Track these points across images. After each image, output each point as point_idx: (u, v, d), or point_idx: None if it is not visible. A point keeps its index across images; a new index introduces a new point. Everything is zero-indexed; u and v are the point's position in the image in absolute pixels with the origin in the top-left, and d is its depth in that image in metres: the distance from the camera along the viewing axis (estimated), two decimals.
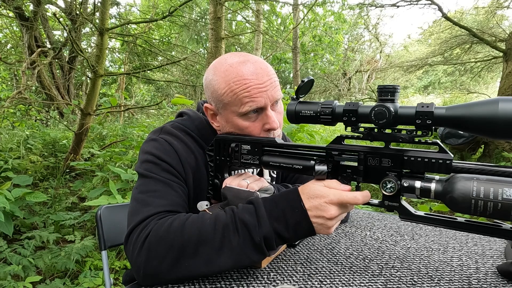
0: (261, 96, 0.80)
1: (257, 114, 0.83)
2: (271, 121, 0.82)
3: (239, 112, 0.81)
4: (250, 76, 0.80)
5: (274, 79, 0.83)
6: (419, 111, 0.55)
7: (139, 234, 0.69)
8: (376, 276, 0.71)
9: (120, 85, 10.67)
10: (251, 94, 0.79)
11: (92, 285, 2.00)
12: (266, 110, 0.82)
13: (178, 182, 0.81)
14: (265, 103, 0.80)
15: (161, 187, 0.78)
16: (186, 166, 0.83)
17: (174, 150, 0.83)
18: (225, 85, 0.81)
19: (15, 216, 2.47)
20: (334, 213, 0.64)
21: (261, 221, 0.66)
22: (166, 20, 6.51)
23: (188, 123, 0.92)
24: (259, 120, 0.83)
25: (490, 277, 0.71)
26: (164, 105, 5.19)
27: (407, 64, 10.45)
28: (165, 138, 0.85)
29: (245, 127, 0.83)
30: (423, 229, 1.02)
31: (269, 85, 0.81)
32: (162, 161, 0.81)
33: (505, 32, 7.01)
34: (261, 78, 0.80)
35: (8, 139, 4.83)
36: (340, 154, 0.67)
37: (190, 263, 0.65)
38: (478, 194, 0.51)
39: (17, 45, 8.02)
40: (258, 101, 0.80)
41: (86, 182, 3.60)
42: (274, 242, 0.66)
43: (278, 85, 0.85)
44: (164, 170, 0.80)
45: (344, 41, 15.05)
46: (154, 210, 0.73)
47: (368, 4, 8.38)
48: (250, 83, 0.79)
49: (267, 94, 0.80)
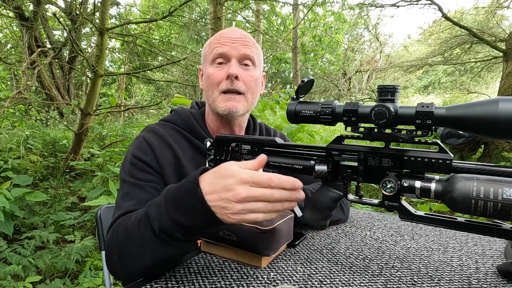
0: (228, 45, 0.93)
1: (224, 65, 0.94)
2: (231, 68, 0.91)
3: (210, 58, 0.94)
4: (225, 31, 0.96)
5: (247, 42, 0.95)
6: (419, 111, 0.55)
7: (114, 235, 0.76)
8: (376, 276, 0.71)
9: (120, 85, 10.67)
10: (220, 41, 0.94)
11: (92, 285, 2.00)
12: (230, 61, 0.93)
13: (151, 179, 0.87)
14: (231, 53, 0.92)
15: (132, 189, 0.85)
16: (162, 161, 0.89)
17: (149, 146, 0.90)
18: (208, 42, 0.99)
19: (15, 216, 2.47)
20: (243, 195, 0.56)
21: (161, 210, 0.63)
22: (166, 20, 6.50)
23: (174, 118, 0.99)
24: (224, 70, 0.93)
25: (490, 277, 0.71)
26: (164, 105, 5.19)
27: (407, 64, 10.45)
28: (144, 136, 0.93)
29: (211, 74, 0.94)
30: (423, 229, 1.02)
31: (240, 41, 0.93)
32: (137, 160, 0.88)
33: (505, 32, 7.01)
34: (234, 34, 0.95)
35: (8, 139, 4.84)
36: (340, 154, 0.67)
37: (128, 259, 0.68)
38: (478, 194, 0.51)
39: (17, 45, 8.02)
40: (225, 48, 0.92)
41: (86, 182, 3.60)
42: (176, 231, 0.62)
43: (252, 49, 0.96)
44: (139, 169, 0.87)
45: (344, 41, 15.05)
46: (122, 211, 0.80)
47: (368, 4, 8.38)
48: (222, 35, 0.95)
49: (234, 46, 0.93)
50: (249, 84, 0.95)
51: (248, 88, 0.95)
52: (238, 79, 0.92)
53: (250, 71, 0.95)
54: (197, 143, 0.96)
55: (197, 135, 0.97)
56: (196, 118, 0.99)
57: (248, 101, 0.96)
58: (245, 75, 0.94)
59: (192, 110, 1.03)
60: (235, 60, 0.93)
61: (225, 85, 0.92)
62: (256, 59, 0.96)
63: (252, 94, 0.97)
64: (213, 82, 0.93)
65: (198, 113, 1.02)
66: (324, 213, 0.72)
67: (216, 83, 0.93)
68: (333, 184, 0.69)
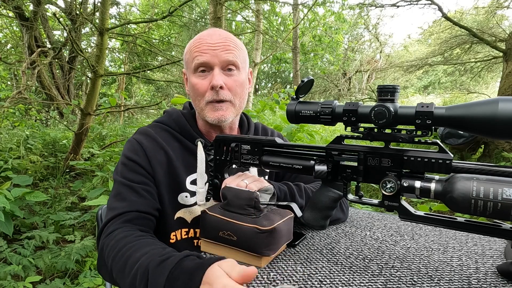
0: (208, 53, 0.88)
1: (206, 73, 0.90)
2: (214, 79, 0.88)
3: (192, 68, 0.91)
4: (204, 36, 0.91)
5: (228, 45, 0.90)
6: (419, 111, 0.55)
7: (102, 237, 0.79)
8: (376, 276, 0.71)
9: (120, 85, 10.66)
10: (200, 49, 0.89)
11: (92, 285, 2.00)
12: (213, 69, 0.89)
13: (142, 180, 0.88)
14: (213, 61, 0.89)
15: (123, 190, 0.86)
16: (154, 163, 0.90)
17: (142, 148, 0.91)
18: (188, 48, 0.94)
19: (15, 216, 2.47)
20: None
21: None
22: (166, 20, 6.51)
23: (165, 119, 0.99)
24: (208, 79, 0.90)
25: (490, 277, 0.71)
26: (164, 105, 5.19)
27: (407, 64, 10.44)
28: (136, 138, 0.94)
29: (195, 84, 0.91)
30: (423, 229, 1.02)
31: (221, 46, 0.89)
32: (130, 161, 0.89)
33: (505, 32, 7.01)
34: (214, 38, 0.90)
35: (8, 139, 4.83)
36: (340, 154, 0.67)
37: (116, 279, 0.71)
38: (478, 194, 0.51)
39: (17, 45, 8.02)
40: (205, 56, 0.88)
41: (86, 182, 3.60)
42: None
43: (235, 52, 0.91)
44: (131, 170, 0.89)
45: (344, 41, 15.05)
46: (115, 213, 0.82)
47: (368, 4, 8.38)
48: (202, 41, 0.90)
49: (216, 53, 0.88)
50: (235, 90, 0.92)
51: (234, 94, 0.92)
52: (223, 88, 0.90)
53: (234, 76, 0.92)
54: (187, 144, 0.96)
55: (188, 135, 0.96)
56: (188, 119, 0.99)
57: (236, 106, 0.94)
58: (229, 82, 0.91)
59: (183, 111, 1.02)
60: (218, 68, 0.89)
61: (210, 96, 0.90)
62: (239, 61, 0.93)
63: (240, 99, 0.95)
64: (198, 93, 0.91)
65: (190, 114, 1.01)
66: (324, 213, 0.72)
67: (201, 94, 0.91)
68: (333, 184, 0.69)
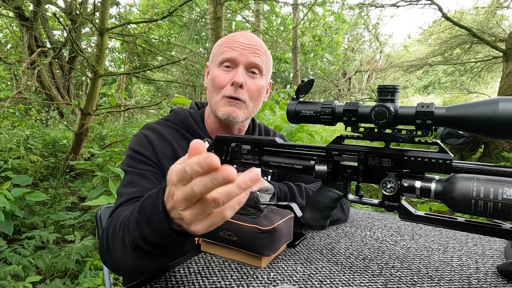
0: (237, 51, 0.91)
1: (230, 69, 0.93)
2: (237, 76, 0.90)
3: (218, 61, 0.94)
4: (238, 35, 0.95)
5: (258, 49, 0.94)
6: (419, 111, 0.55)
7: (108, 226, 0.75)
8: (376, 276, 0.71)
9: (120, 85, 10.66)
10: (231, 45, 0.93)
11: (92, 285, 2.00)
12: (237, 67, 0.92)
13: (152, 170, 0.88)
14: (239, 59, 0.92)
15: (135, 178, 0.86)
16: (161, 156, 0.90)
17: (149, 142, 0.91)
18: (219, 42, 0.98)
19: (15, 216, 2.47)
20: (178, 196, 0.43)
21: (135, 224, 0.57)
22: (166, 20, 6.50)
23: (172, 118, 1.00)
24: (230, 75, 0.92)
25: (490, 277, 0.71)
26: (164, 105, 5.19)
27: (407, 64, 10.44)
28: (143, 132, 0.94)
29: (217, 76, 0.93)
30: (423, 229, 1.02)
31: (250, 48, 0.92)
32: (137, 153, 0.89)
33: (505, 32, 7.01)
34: (246, 40, 0.93)
35: (8, 139, 4.83)
36: (340, 154, 0.67)
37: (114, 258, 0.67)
38: (478, 194, 0.51)
39: (17, 45, 8.02)
40: (234, 53, 0.91)
41: (86, 182, 3.60)
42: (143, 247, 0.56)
43: (262, 57, 0.95)
44: (139, 162, 0.89)
45: (344, 41, 15.05)
46: (124, 198, 0.81)
47: (368, 4, 8.38)
48: (234, 39, 0.94)
49: (244, 53, 0.92)
50: (252, 93, 0.94)
51: (251, 96, 0.94)
52: (242, 87, 0.92)
53: (256, 80, 0.95)
54: None
55: (195, 134, 0.97)
56: (195, 118, 1.00)
57: (249, 109, 0.95)
58: (250, 83, 0.93)
59: (191, 110, 1.03)
60: (242, 67, 0.92)
61: (228, 91, 0.92)
62: (264, 68, 0.95)
63: (254, 103, 0.96)
64: (218, 85, 0.93)
65: (197, 114, 1.02)
66: (324, 213, 0.72)
67: (220, 87, 0.93)
68: (333, 184, 0.69)
